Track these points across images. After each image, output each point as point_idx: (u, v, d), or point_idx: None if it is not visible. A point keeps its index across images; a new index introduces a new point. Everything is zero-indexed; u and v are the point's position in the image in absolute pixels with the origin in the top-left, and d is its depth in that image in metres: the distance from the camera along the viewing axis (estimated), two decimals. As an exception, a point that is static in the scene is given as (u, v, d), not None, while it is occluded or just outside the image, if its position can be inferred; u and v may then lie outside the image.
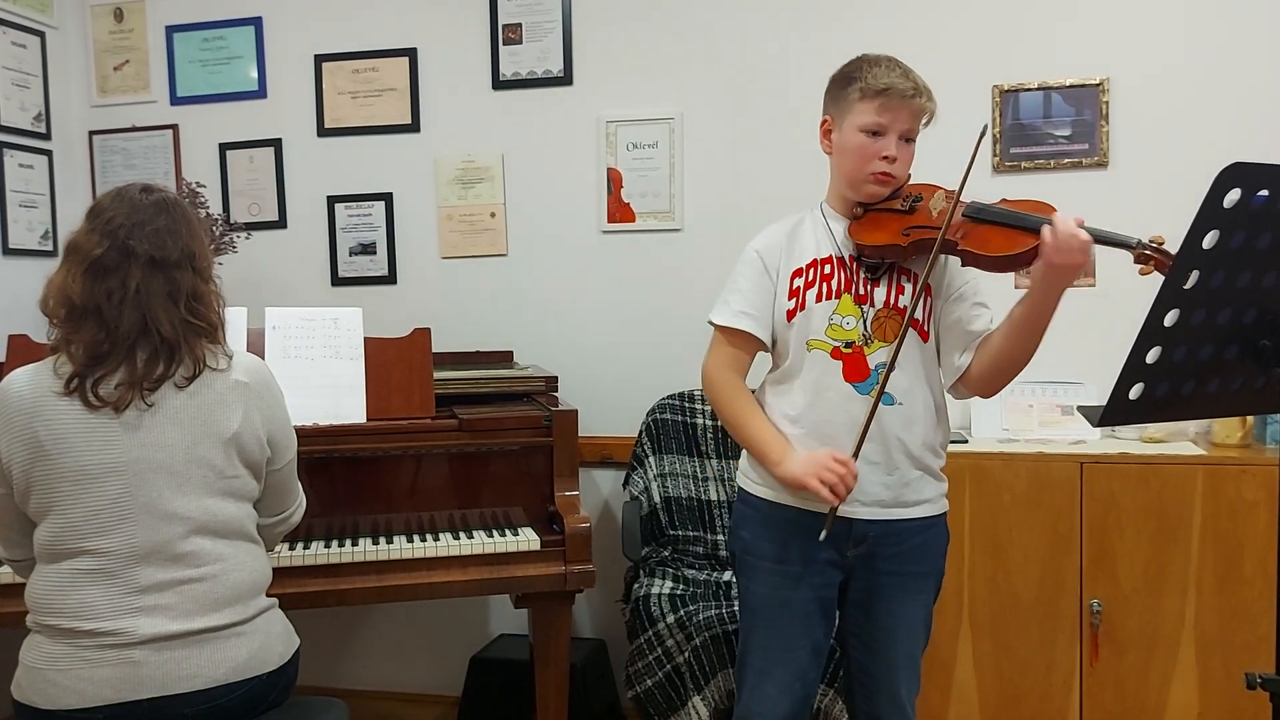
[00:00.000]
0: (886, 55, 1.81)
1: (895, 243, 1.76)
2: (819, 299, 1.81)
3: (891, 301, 1.80)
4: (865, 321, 1.79)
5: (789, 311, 1.83)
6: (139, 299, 1.65)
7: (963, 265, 1.78)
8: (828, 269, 1.82)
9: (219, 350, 1.74)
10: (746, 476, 1.92)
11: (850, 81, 1.79)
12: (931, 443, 1.83)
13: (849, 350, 1.79)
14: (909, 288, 1.80)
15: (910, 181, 1.84)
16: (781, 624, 1.85)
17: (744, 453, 1.95)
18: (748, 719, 1.89)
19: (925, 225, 1.75)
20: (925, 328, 1.81)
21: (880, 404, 1.74)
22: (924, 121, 1.81)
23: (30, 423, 1.63)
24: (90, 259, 1.66)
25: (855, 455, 1.72)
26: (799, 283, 1.83)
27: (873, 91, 1.75)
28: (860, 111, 1.77)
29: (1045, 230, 1.60)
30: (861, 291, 1.80)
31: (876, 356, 1.78)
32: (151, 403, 1.65)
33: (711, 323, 1.89)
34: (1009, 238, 1.68)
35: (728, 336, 1.87)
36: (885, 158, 1.77)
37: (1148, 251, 1.58)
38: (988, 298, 1.85)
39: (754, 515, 1.89)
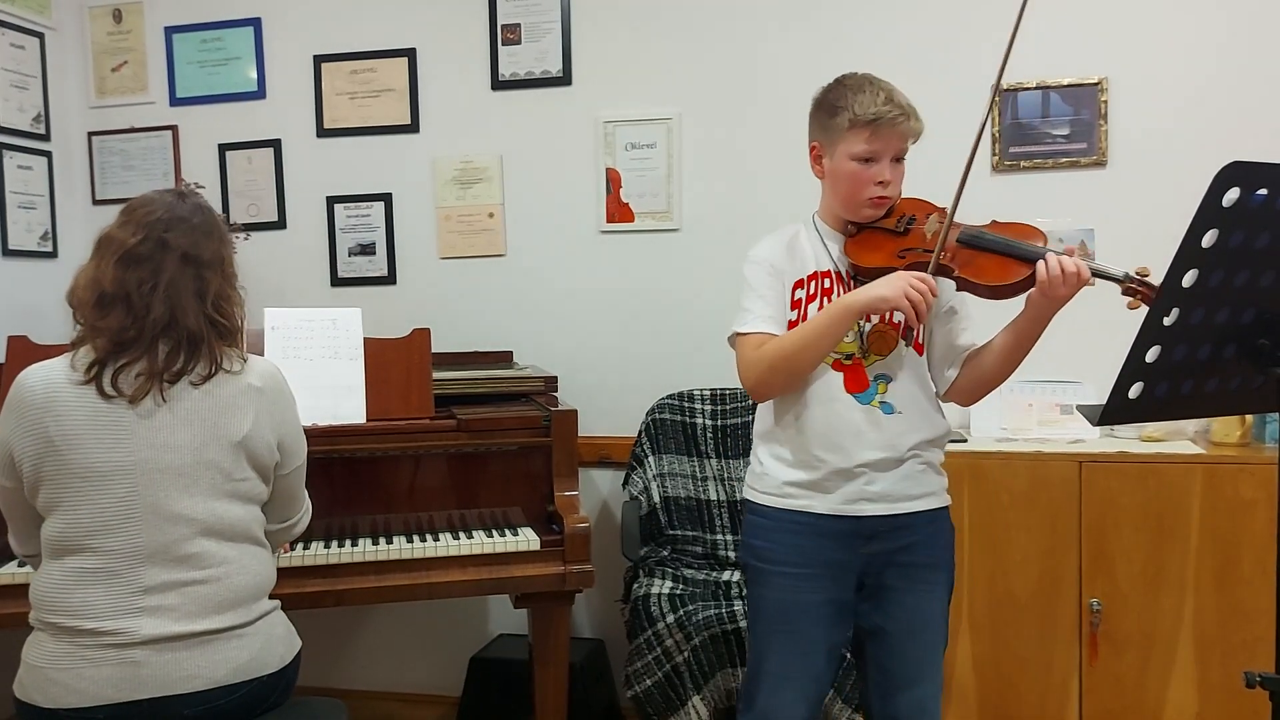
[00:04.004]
0: (866, 76, 1.82)
1: (891, 265, 1.78)
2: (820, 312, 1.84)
3: (886, 317, 1.83)
4: (862, 335, 1.83)
5: (791, 323, 1.86)
6: (169, 291, 1.68)
7: (957, 289, 1.80)
8: (827, 283, 1.86)
9: (235, 354, 1.75)
10: (753, 488, 1.94)
11: (836, 111, 1.80)
12: (931, 439, 1.88)
13: (849, 362, 1.82)
14: None
15: (902, 197, 1.88)
16: (799, 628, 1.86)
17: (750, 466, 1.98)
18: None
19: (920, 248, 1.78)
20: (919, 340, 1.85)
21: (881, 413, 1.80)
22: (912, 142, 1.83)
23: (42, 418, 1.64)
24: (124, 248, 1.69)
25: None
26: (800, 294, 1.86)
27: (862, 122, 1.77)
28: (851, 141, 1.79)
29: (1040, 265, 1.64)
30: None
31: (874, 369, 1.82)
32: (168, 398, 1.66)
33: (738, 334, 1.88)
34: (1004, 267, 1.71)
35: (756, 340, 1.85)
36: (880, 183, 1.80)
37: (1133, 285, 1.62)
38: (973, 310, 1.89)
39: (764, 523, 1.90)
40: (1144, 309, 1.56)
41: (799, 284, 1.87)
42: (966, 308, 1.88)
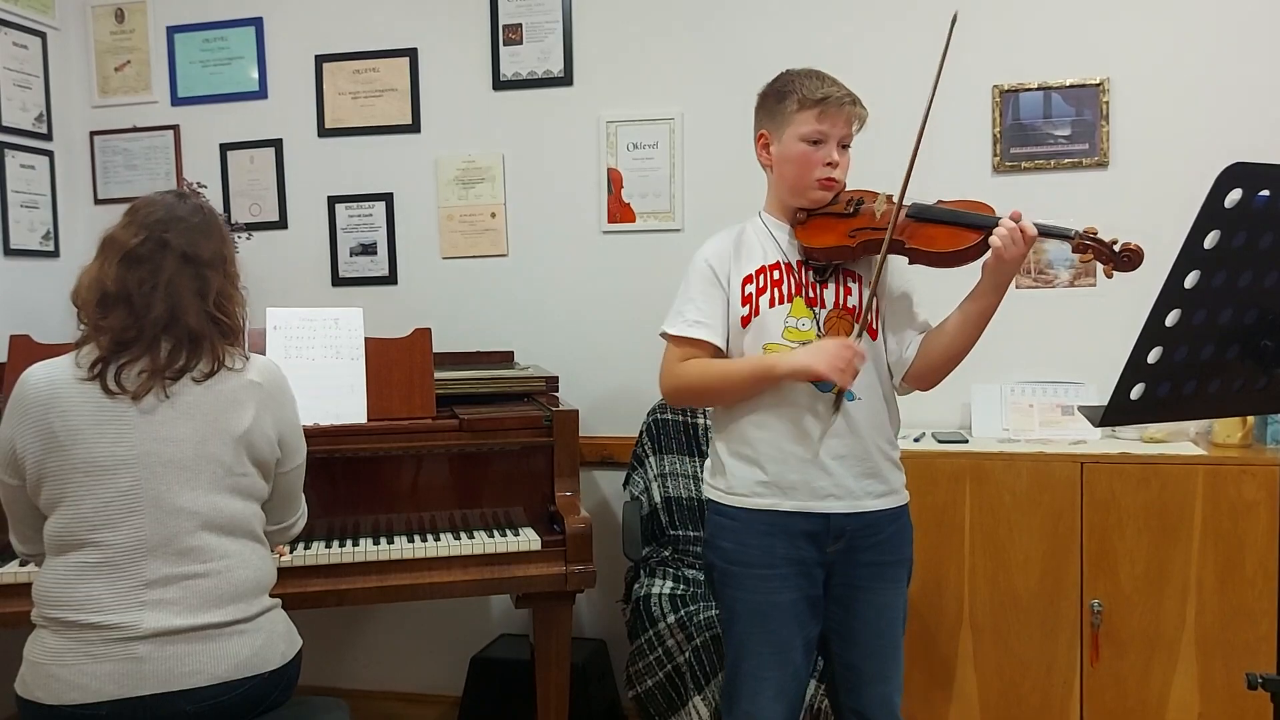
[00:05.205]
0: (813, 69, 1.88)
1: (844, 244, 1.83)
2: (772, 304, 1.86)
3: (840, 302, 1.86)
4: (818, 322, 1.85)
5: (744, 318, 1.88)
6: (169, 290, 1.70)
7: (910, 263, 1.83)
8: (776, 274, 1.88)
9: (237, 352, 1.77)
10: (716, 489, 1.94)
11: (785, 95, 1.86)
12: (890, 433, 1.91)
13: None
14: (855, 288, 1.87)
15: (848, 188, 1.91)
16: (775, 628, 1.86)
17: (708, 466, 1.98)
18: None
19: (870, 227, 1.82)
20: (874, 326, 1.87)
21: (844, 399, 1.81)
22: (856, 128, 1.88)
23: (46, 414, 1.65)
24: (126, 249, 1.71)
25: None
26: (750, 289, 1.88)
27: (811, 101, 1.83)
28: (800, 122, 1.84)
29: (998, 227, 1.69)
30: (811, 294, 1.87)
31: None
32: (170, 394, 1.67)
33: (666, 334, 1.92)
34: (954, 235, 1.76)
35: (682, 345, 1.90)
36: (829, 164, 1.84)
37: (1086, 242, 1.68)
38: (926, 297, 1.92)
39: (732, 525, 1.90)
40: (1097, 264, 1.68)
41: (748, 279, 1.89)
42: (919, 292, 1.91)
